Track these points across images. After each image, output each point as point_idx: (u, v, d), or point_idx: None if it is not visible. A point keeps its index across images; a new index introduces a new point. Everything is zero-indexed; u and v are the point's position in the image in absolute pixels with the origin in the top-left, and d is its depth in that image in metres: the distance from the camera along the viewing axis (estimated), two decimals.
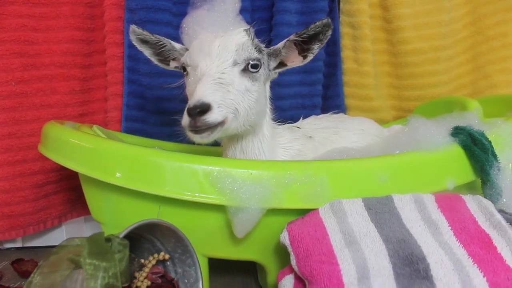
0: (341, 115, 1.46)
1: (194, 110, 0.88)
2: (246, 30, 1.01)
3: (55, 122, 1.19)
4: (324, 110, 1.70)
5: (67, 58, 1.52)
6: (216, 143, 1.46)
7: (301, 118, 1.37)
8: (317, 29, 1.04)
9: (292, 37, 1.06)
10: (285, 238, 0.87)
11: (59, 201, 1.59)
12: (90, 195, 1.11)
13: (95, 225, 1.72)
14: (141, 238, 0.95)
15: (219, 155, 1.22)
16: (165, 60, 1.18)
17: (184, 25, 1.07)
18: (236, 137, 1.08)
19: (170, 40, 1.14)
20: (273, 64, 1.10)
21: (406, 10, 1.67)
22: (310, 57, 1.08)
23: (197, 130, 0.91)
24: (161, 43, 1.14)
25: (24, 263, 1.34)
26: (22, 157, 1.46)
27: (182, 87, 1.66)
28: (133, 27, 1.12)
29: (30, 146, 1.47)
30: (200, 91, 0.90)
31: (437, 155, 1.02)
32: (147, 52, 1.16)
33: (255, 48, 1.01)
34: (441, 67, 1.70)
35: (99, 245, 0.73)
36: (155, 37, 1.13)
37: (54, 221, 1.60)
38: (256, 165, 0.93)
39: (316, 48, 1.07)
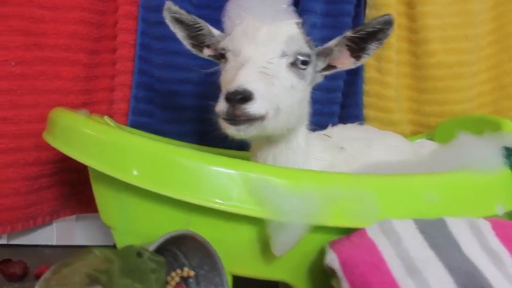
0: (368, 127, 1.38)
1: (235, 96, 0.78)
2: (297, 23, 0.91)
3: (65, 109, 1.06)
4: (342, 119, 1.62)
5: (74, 41, 1.39)
6: (239, 146, 1.37)
7: (329, 126, 1.27)
8: (377, 26, 0.94)
9: (348, 33, 0.97)
10: (333, 261, 0.77)
11: (52, 196, 1.45)
12: (101, 195, 0.99)
13: (88, 225, 1.59)
14: (162, 249, 0.83)
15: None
16: (199, 45, 1.06)
17: (227, 9, 0.96)
18: (269, 143, 0.98)
19: (208, 24, 1.03)
20: (321, 65, 1.00)
21: (434, 21, 1.60)
22: (365, 58, 0.99)
23: (234, 120, 0.81)
24: (198, 25, 1.03)
25: (12, 264, 1.20)
26: (17, 145, 1.32)
27: (202, 81, 1.57)
28: (169, 3, 1.02)
29: (26, 134, 1.33)
30: (242, 76, 0.80)
31: (490, 177, 0.94)
32: (180, 34, 1.05)
33: (306, 43, 0.91)
34: (465, 83, 1.63)
35: (131, 261, 0.61)
36: (192, 18, 1.02)
37: (45, 218, 1.46)
38: (302, 175, 0.83)
39: (373, 48, 0.97)
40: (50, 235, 1.52)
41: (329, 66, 1.01)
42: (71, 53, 1.38)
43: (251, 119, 0.81)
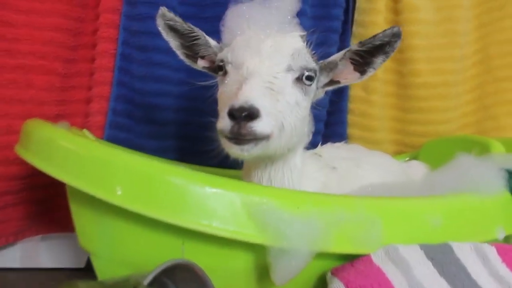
0: (357, 146, 1.35)
1: (240, 113, 0.72)
2: (302, 36, 0.87)
3: (42, 121, 0.97)
4: (326, 137, 1.58)
5: (49, 48, 1.30)
6: (228, 164, 1.29)
7: (319, 144, 1.23)
8: (385, 39, 0.90)
9: (353, 47, 0.92)
10: None
11: (18, 214, 1.33)
12: (81, 217, 0.89)
13: (55, 245, 1.47)
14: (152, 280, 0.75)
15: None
16: (193, 56, 1.00)
17: (226, 18, 0.90)
18: (265, 162, 0.92)
19: (204, 33, 0.97)
20: (324, 80, 0.95)
21: (421, 42, 1.60)
22: (371, 73, 0.94)
23: (239, 139, 0.74)
24: (193, 34, 0.96)
25: None
26: None
27: (184, 94, 1.49)
28: (163, 9, 0.95)
29: None
30: (247, 91, 0.74)
31: (491, 200, 0.91)
32: (174, 43, 0.99)
33: (312, 57, 0.86)
34: (450, 103, 1.63)
35: None
36: (188, 27, 0.96)
37: (8, 238, 1.34)
38: (306, 198, 0.78)
39: (379, 62, 0.93)
40: (13, 257, 1.39)
41: (332, 81, 0.97)
42: (46, 61, 1.29)
43: (257, 139, 0.75)
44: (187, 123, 1.51)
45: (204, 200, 0.74)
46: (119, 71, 1.38)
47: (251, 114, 0.72)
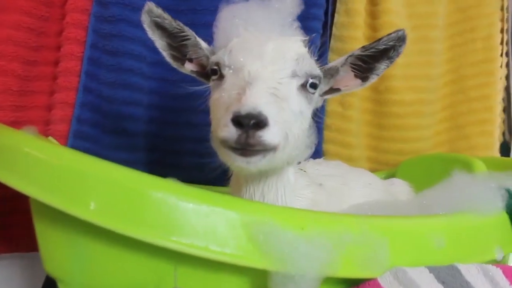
0: (339, 162, 1.29)
1: (249, 120, 0.64)
2: (303, 41, 0.80)
3: (2, 125, 0.85)
4: None
5: (7, 47, 1.17)
6: (202, 180, 1.20)
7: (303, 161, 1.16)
8: (389, 43, 0.85)
9: (356, 52, 0.87)
10: None
11: None
12: (47, 236, 0.77)
13: (6, 267, 1.32)
14: None
15: None
16: (181, 58, 0.91)
17: (219, 18, 0.82)
18: (259, 177, 0.84)
19: (195, 34, 0.88)
20: (324, 87, 0.89)
21: (398, 59, 1.59)
22: (373, 79, 0.89)
23: (247, 150, 0.67)
24: (183, 34, 0.87)
25: None
26: None
27: (155, 104, 1.39)
28: (151, 4, 0.85)
29: None
30: (252, 96, 0.66)
31: (490, 219, 0.88)
32: (159, 42, 0.89)
33: (315, 63, 0.80)
34: (425, 121, 1.63)
35: None
36: (177, 25, 0.86)
37: None
38: (311, 217, 0.70)
39: (383, 68, 0.88)
40: None
41: (331, 89, 0.91)
42: (3, 61, 1.16)
43: (265, 150, 0.67)
44: (158, 135, 1.42)
45: (199, 218, 0.65)
46: (86, 76, 1.27)
47: (259, 122, 0.64)
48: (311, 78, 0.78)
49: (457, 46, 1.67)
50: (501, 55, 1.66)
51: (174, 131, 1.44)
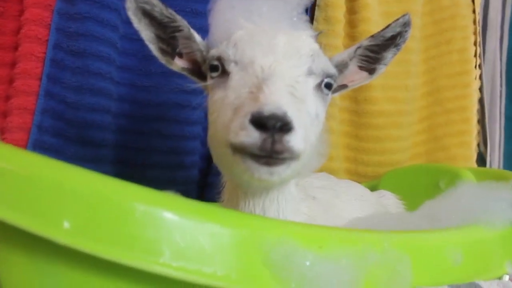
0: (325, 174, 1.22)
1: (274, 122, 0.54)
2: (314, 36, 0.72)
3: None
4: None
5: None
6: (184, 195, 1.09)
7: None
8: (396, 29, 0.80)
9: (364, 42, 0.80)
10: None
11: None
12: (9, 264, 0.63)
13: None
14: None
15: None
16: (170, 53, 0.80)
17: (216, 9, 0.72)
18: (260, 189, 0.74)
19: (188, 25, 0.77)
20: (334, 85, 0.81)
21: None
22: (381, 69, 0.83)
23: (271, 158, 0.57)
24: (174, 24, 0.76)
25: None
26: None
27: (125, 111, 1.26)
28: None
29: None
30: (273, 94, 0.57)
31: (503, 232, 0.83)
32: (147, 33, 0.76)
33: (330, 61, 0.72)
34: (403, 133, 1.61)
35: None
36: (168, 13, 0.75)
37: None
38: (327, 234, 0.61)
39: (390, 56, 0.82)
40: None
41: (338, 86, 0.84)
42: None
43: (292, 158, 0.58)
44: (127, 146, 1.30)
45: (204, 240, 0.54)
46: (47, 79, 1.14)
47: (286, 124, 0.55)
48: (327, 77, 0.70)
49: (433, 58, 1.67)
50: (475, 67, 1.67)
51: (144, 141, 1.32)
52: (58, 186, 0.57)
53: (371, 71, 0.84)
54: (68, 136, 1.17)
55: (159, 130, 1.33)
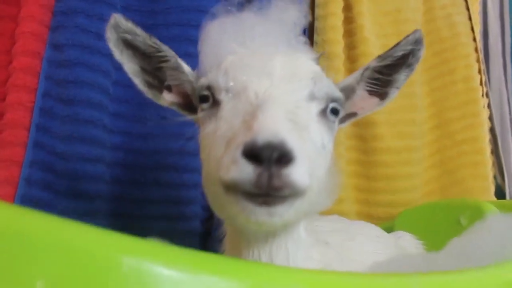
0: (336, 216, 1.14)
1: (269, 152, 0.46)
2: (315, 59, 0.65)
3: None
4: None
5: None
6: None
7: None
8: (407, 47, 0.73)
9: (372, 63, 0.73)
10: None
11: None
12: None
13: None
14: None
15: None
16: (158, 86, 0.73)
17: (206, 35, 0.66)
18: (265, 234, 0.65)
19: (175, 54, 0.71)
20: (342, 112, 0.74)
21: None
22: (394, 94, 0.75)
23: (269, 197, 0.49)
24: (161, 55, 0.70)
25: None
26: None
27: (119, 161, 1.20)
28: (117, 17, 0.67)
29: None
30: (269, 120, 0.50)
31: None
32: (130, 66, 0.70)
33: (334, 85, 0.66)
34: (414, 170, 1.53)
35: None
36: (151, 42, 0.69)
37: None
38: (348, 282, 0.52)
39: (403, 78, 0.74)
40: None
41: (346, 115, 0.77)
42: None
43: (294, 194, 0.50)
44: (123, 197, 1.23)
45: None
46: (36, 129, 1.10)
47: (284, 154, 0.47)
48: (332, 102, 0.63)
49: (437, 89, 1.62)
50: (482, 96, 1.62)
51: (141, 192, 1.25)
52: (28, 240, 0.49)
53: (382, 96, 0.76)
54: (59, 189, 1.11)
55: (156, 179, 1.26)
